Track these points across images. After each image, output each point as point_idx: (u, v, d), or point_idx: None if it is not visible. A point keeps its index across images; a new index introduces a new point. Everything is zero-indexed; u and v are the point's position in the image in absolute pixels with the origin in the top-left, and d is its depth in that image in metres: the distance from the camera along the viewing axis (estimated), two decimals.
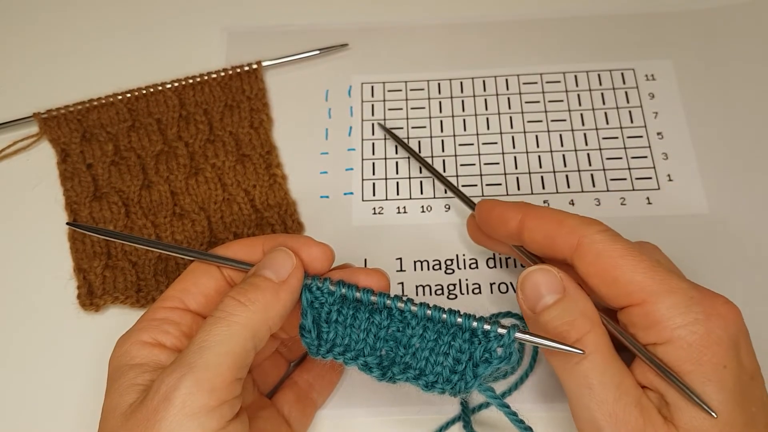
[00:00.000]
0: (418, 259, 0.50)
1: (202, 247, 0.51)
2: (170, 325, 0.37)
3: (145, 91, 0.57)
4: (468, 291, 0.48)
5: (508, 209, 0.41)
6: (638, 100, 0.56)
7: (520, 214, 0.40)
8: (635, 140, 0.54)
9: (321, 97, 0.58)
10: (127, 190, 0.53)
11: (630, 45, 0.59)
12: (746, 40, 0.59)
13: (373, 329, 0.37)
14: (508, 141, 0.55)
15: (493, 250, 0.47)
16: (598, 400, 0.34)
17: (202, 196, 0.53)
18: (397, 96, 0.58)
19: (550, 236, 0.38)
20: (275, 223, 0.52)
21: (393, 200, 0.53)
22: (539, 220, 0.39)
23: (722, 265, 0.48)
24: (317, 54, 0.59)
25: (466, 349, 0.36)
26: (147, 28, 0.63)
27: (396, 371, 0.36)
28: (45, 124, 0.55)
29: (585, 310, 0.36)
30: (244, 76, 0.58)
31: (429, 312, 0.36)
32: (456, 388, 0.36)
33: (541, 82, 0.58)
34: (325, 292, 0.37)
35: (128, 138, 0.55)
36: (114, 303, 0.49)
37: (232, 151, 0.55)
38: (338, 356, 0.37)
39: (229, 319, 0.34)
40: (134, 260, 0.50)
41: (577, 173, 0.53)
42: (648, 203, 0.51)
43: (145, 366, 0.35)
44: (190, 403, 0.32)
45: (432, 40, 0.61)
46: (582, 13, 0.61)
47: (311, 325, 0.37)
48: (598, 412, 0.34)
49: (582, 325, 0.35)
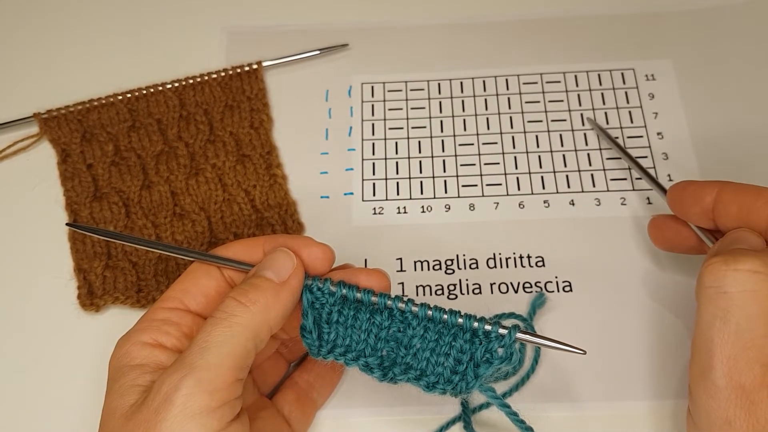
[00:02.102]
0: (418, 259, 0.50)
1: (202, 247, 0.51)
2: (170, 326, 0.37)
3: (145, 91, 0.57)
4: (468, 291, 0.48)
5: (703, 185, 0.41)
6: (638, 100, 0.56)
7: (717, 188, 0.40)
8: (635, 140, 0.54)
9: (321, 97, 0.58)
10: (127, 190, 0.53)
11: (630, 45, 0.59)
12: (746, 40, 0.59)
13: (374, 330, 0.37)
14: (508, 141, 0.55)
15: (678, 251, 0.46)
16: (724, 337, 0.33)
17: (202, 197, 0.53)
18: (397, 96, 0.58)
19: (745, 207, 0.38)
20: (275, 223, 0.52)
21: (393, 200, 0.53)
22: (735, 192, 0.39)
23: None
24: (317, 54, 0.59)
25: (467, 350, 0.36)
26: (147, 28, 0.63)
27: (397, 372, 0.36)
28: (45, 125, 0.55)
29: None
30: (244, 76, 0.58)
31: (430, 312, 0.36)
32: (457, 388, 0.36)
33: (541, 82, 0.58)
34: (325, 292, 0.37)
35: (128, 138, 0.55)
36: (114, 303, 0.49)
37: (233, 152, 0.55)
38: (339, 357, 0.37)
39: (230, 319, 0.34)
40: (134, 260, 0.50)
41: (577, 173, 0.53)
42: (648, 203, 0.51)
43: (146, 367, 0.35)
44: (191, 404, 0.32)
45: (432, 40, 0.61)
46: (582, 13, 0.61)
47: (312, 326, 0.37)
48: (718, 349, 0.34)
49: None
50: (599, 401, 0.44)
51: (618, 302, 0.47)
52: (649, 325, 0.46)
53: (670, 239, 0.45)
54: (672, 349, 0.45)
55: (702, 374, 0.35)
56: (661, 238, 0.46)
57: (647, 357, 0.45)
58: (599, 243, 0.50)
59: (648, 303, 0.47)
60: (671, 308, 0.47)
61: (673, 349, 0.45)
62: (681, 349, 0.45)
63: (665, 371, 0.44)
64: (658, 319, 0.46)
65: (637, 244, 0.49)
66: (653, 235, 0.47)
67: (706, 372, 0.34)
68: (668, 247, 0.46)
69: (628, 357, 0.45)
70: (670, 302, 0.47)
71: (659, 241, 0.46)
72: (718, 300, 0.34)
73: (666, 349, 0.45)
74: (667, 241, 0.46)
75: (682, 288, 0.47)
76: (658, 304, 0.47)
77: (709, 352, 0.34)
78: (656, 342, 0.45)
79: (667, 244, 0.46)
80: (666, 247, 0.46)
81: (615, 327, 0.46)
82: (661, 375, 0.44)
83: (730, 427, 0.33)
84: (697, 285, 0.36)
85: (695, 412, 0.36)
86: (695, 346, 0.36)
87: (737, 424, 0.33)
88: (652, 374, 0.44)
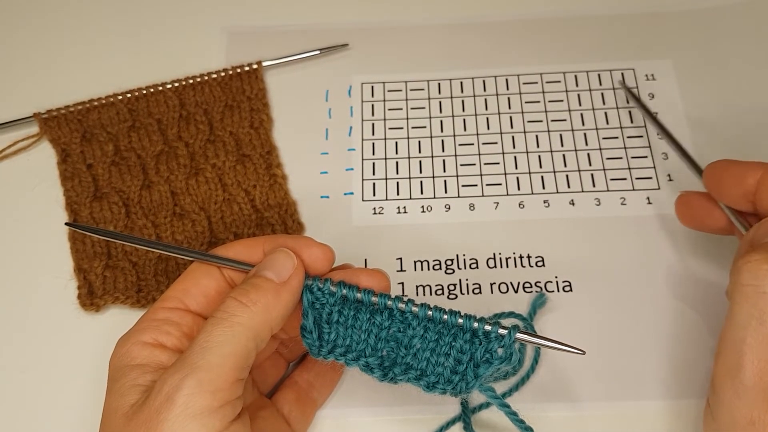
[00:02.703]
0: (418, 259, 0.50)
1: (202, 247, 0.51)
2: (171, 326, 0.37)
3: (145, 91, 0.57)
4: (468, 291, 0.48)
5: (747, 165, 0.40)
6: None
7: (762, 170, 0.39)
8: (635, 140, 0.54)
9: (321, 97, 0.58)
10: (127, 190, 0.53)
11: (630, 45, 0.59)
12: (746, 40, 0.59)
13: (375, 330, 0.37)
14: (508, 141, 0.55)
15: (704, 230, 0.45)
16: (759, 338, 0.33)
17: (202, 197, 0.53)
18: (397, 96, 0.58)
19: None
20: (275, 223, 0.52)
21: (393, 200, 0.53)
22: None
23: (722, 264, 0.48)
24: (317, 54, 0.59)
25: (467, 350, 0.36)
26: (147, 28, 0.63)
27: (397, 372, 0.36)
28: (45, 124, 0.55)
29: None
30: (244, 76, 0.58)
31: (430, 313, 0.36)
32: (457, 388, 0.36)
33: (541, 82, 0.58)
34: (326, 293, 0.37)
35: (128, 138, 0.55)
36: (114, 303, 0.49)
37: (233, 152, 0.55)
38: (340, 357, 0.37)
39: (230, 319, 0.34)
40: (135, 260, 0.50)
41: (577, 173, 0.53)
42: (648, 203, 0.51)
43: (147, 366, 0.35)
44: (192, 404, 0.32)
45: (432, 40, 0.61)
46: (582, 13, 0.61)
47: (312, 326, 0.37)
48: (751, 349, 0.33)
49: None
50: (599, 401, 0.44)
51: (618, 302, 0.47)
52: (649, 324, 0.46)
53: (699, 217, 0.44)
54: (672, 348, 0.45)
55: (729, 372, 0.34)
56: (689, 215, 0.45)
57: (647, 357, 0.45)
58: (599, 243, 0.50)
59: (648, 303, 0.47)
60: (671, 308, 0.47)
61: (673, 348, 0.45)
62: (681, 348, 0.45)
63: (665, 371, 0.44)
64: (658, 318, 0.46)
65: (637, 244, 0.49)
66: (680, 212, 0.46)
67: (734, 371, 0.34)
68: (695, 226, 0.45)
69: (628, 357, 0.45)
70: (670, 302, 0.47)
71: (686, 219, 0.45)
72: (757, 300, 0.34)
73: (666, 348, 0.45)
74: (695, 219, 0.45)
75: (682, 288, 0.47)
76: (658, 304, 0.47)
77: (740, 352, 0.34)
78: (656, 342, 0.45)
79: (695, 223, 0.45)
80: (693, 225, 0.45)
81: (615, 327, 0.46)
82: (661, 375, 0.44)
83: (753, 427, 0.33)
84: (732, 280, 0.36)
85: (717, 409, 0.35)
86: (724, 343, 0.35)
87: (761, 425, 0.33)
88: (653, 374, 0.44)
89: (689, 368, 0.44)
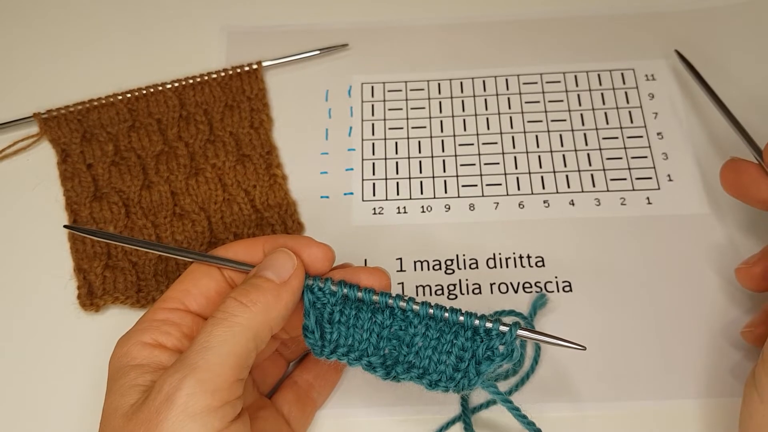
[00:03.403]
0: (418, 259, 0.50)
1: (202, 247, 0.51)
2: (171, 326, 0.37)
3: (145, 91, 0.57)
4: (468, 291, 0.48)
5: None
6: (638, 100, 0.56)
7: None
8: (635, 140, 0.54)
9: (321, 97, 0.58)
10: (127, 190, 0.53)
11: (630, 45, 0.59)
12: (746, 39, 0.59)
13: (376, 329, 0.37)
14: (508, 141, 0.55)
15: (747, 202, 0.45)
16: None
17: (202, 197, 0.53)
18: (397, 96, 0.58)
19: None
20: (275, 223, 0.52)
21: (393, 200, 0.53)
22: None
23: (722, 264, 0.48)
24: (317, 54, 0.59)
25: (469, 347, 0.36)
26: (147, 28, 0.63)
27: (400, 370, 0.36)
28: (45, 124, 0.55)
29: None
30: (244, 76, 0.58)
31: (431, 311, 0.36)
32: (459, 385, 0.36)
33: (541, 82, 0.58)
34: (326, 292, 0.37)
35: (128, 138, 0.55)
36: (114, 303, 0.49)
37: (233, 152, 0.55)
38: (342, 357, 0.37)
39: (230, 320, 0.34)
40: (134, 260, 0.50)
41: (577, 173, 0.53)
42: (648, 203, 0.51)
43: (146, 367, 0.35)
44: (192, 404, 0.32)
45: (432, 40, 0.61)
46: (582, 13, 0.61)
47: (314, 326, 0.37)
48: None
49: None
50: (599, 401, 0.44)
51: (618, 302, 0.47)
52: (649, 324, 0.46)
53: (745, 186, 0.44)
54: (672, 348, 0.45)
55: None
56: (735, 182, 0.45)
57: (647, 357, 0.45)
58: (599, 243, 0.50)
59: (648, 303, 0.47)
60: (671, 308, 0.47)
61: (673, 348, 0.45)
62: (681, 348, 0.45)
63: (665, 371, 0.44)
64: (658, 318, 0.46)
65: (637, 244, 0.49)
66: (725, 177, 0.45)
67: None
68: (737, 194, 0.45)
69: (628, 357, 0.45)
70: (670, 302, 0.47)
71: (731, 186, 0.45)
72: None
73: (666, 348, 0.45)
74: (740, 187, 0.44)
75: (682, 288, 0.47)
76: (658, 304, 0.47)
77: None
78: (656, 342, 0.45)
79: (739, 191, 0.45)
80: (735, 193, 0.45)
81: (615, 327, 0.46)
82: (661, 375, 0.44)
83: None
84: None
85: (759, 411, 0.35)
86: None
87: None
88: (653, 374, 0.44)
89: (689, 368, 0.44)
